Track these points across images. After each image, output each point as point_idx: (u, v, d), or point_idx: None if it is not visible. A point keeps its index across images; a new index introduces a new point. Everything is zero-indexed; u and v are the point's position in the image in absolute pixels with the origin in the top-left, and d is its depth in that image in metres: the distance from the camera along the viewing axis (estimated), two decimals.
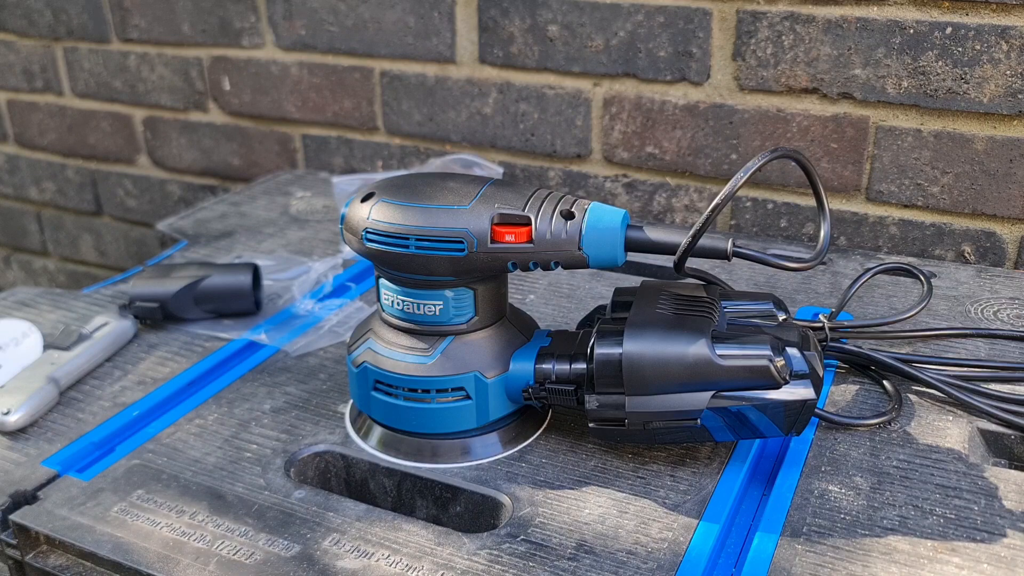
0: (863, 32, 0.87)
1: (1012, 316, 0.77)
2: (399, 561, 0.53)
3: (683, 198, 1.01)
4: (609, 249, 0.57)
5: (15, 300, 0.86)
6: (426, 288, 0.59)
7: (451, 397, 0.60)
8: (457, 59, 1.06)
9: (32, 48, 1.37)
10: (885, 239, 0.93)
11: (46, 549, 0.57)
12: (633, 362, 0.55)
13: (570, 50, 0.99)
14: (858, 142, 0.91)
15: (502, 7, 1.01)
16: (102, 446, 0.65)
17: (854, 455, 0.60)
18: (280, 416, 0.67)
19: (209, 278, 0.80)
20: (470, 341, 0.60)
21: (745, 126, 0.95)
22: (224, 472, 0.61)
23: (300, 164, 1.23)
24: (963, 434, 0.62)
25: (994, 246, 0.89)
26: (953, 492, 0.57)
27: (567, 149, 1.04)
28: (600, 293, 0.83)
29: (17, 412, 0.66)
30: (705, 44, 0.93)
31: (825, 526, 0.54)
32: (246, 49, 1.19)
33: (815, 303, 0.80)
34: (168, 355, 0.76)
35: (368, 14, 1.09)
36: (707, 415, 0.55)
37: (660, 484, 0.58)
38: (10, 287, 1.49)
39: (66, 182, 1.46)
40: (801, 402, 0.55)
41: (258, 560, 0.53)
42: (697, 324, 0.56)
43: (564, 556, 0.53)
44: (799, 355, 0.55)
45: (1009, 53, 0.82)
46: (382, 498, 0.62)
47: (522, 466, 0.61)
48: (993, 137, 0.85)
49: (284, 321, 0.81)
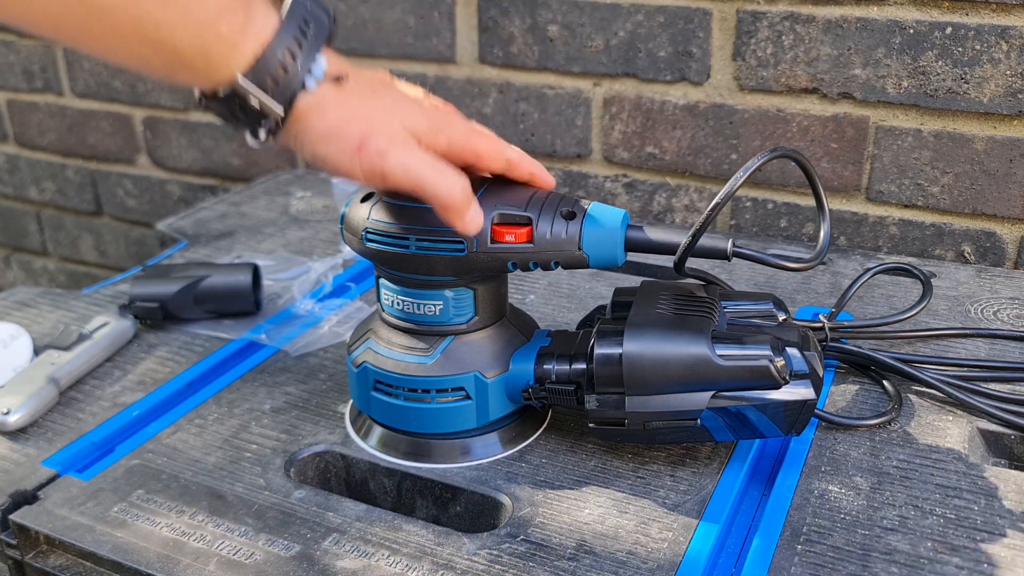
0: (863, 32, 0.87)
1: (1012, 316, 0.77)
2: (399, 561, 0.53)
3: (683, 198, 1.01)
4: (609, 249, 0.57)
5: (15, 300, 0.86)
6: (426, 288, 0.59)
7: (451, 397, 0.60)
8: (457, 59, 1.06)
9: (32, 48, 1.37)
10: (885, 239, 0.93)
11: (46, 549, 0.57)
12: (633, 362, 0.55)
13: (570, 50, 0.99)
14: (858, 142, 0.91)
15: (502, 7, 1.01)
16: (102, 446, 0.65)
17: (854, 455, 0.60)
18: (280, 416, 0.67)
19: (209, 278, 0.80)
20: (470, 341, 0.60)
21: (745, 126, 0.95)
22: (224, 472, 0.61)
23: (300, 164, 1.23)
24: (963, 434, 0.62)
25: (994, 246, 0.89)
26: (953, 492, 0.57)
27: (567, 149, 1.04)
28: (600, 293, 0.83)
29: (17, 412, 0.66)
30: (705, 44, 0.93)
31: (825, 526, 0.54)
32: None
33: (815, 303, 0.80)
34: (168, 355, 0.76)
35: (368, 14, 1.09)
36: (707, 415, 0.55)
37: (660, 484, 0.58)
38: (10, 287, 1.49)
39: (66, 182, 1.46)
40: (801, 402, 0.55)
41: (258, 560, 0.53)
42: (697, 324, 0.56)
43: (564, 556, 0.53)
44: (799, 355, 0.55)
45: (1009, 53, 0.82)
46: (382, 498, 0.62)
47: (522, 466, 0.61)
48: (993, 137, 0.85)
49: (284, 321, 0.81)
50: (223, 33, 0.49)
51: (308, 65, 0.51)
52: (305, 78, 0.51)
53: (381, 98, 0.53)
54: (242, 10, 0.49)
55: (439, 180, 0.52)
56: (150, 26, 0.47)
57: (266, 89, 0.50)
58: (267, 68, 0.50)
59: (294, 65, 0.50)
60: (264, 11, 0.50)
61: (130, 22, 0.47)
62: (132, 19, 0.47)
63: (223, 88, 0.50)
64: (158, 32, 0.47)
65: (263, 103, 0.50)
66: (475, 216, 0.54)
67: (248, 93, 0.50)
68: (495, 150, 0.57)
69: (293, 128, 0.52)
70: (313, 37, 0.51)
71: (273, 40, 0.50)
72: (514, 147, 0.58)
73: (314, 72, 0.51)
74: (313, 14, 0.52)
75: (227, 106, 0.51)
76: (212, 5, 0.48)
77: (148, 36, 0.47)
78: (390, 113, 0.53)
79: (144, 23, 0.47)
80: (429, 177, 0.52)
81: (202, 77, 0.50)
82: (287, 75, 0.50)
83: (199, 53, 0.49)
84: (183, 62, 0.49)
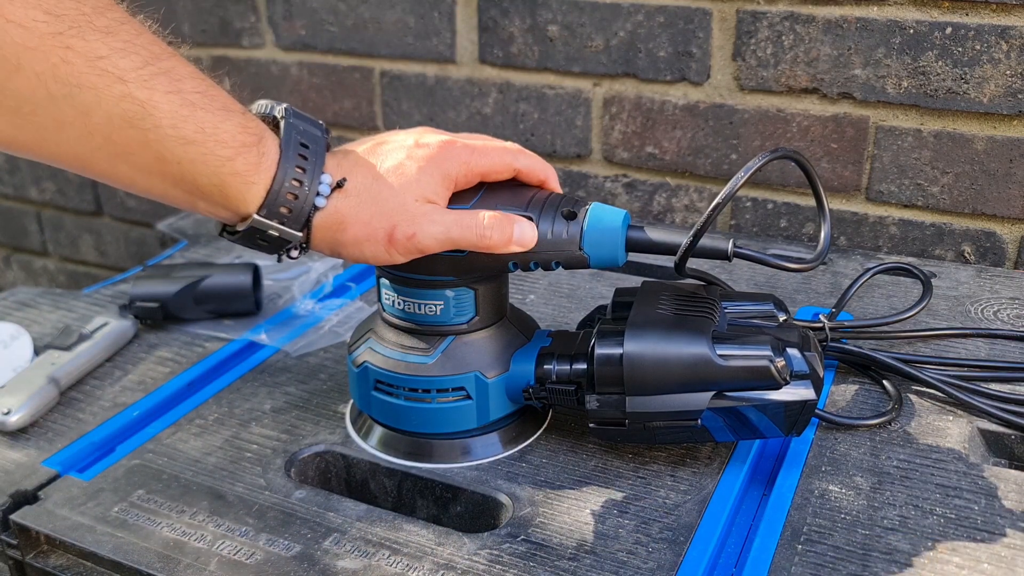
0: (863, 32, 0.87)
1: (1012, 316, 0.77)
2: (399, 561, 0.53)
3: (683, 198, 1.01)
4: (610, 249, 0.57)
5: (15, 300, 0.86)
6: (427, 288, 0.59)
7: (452, 397, 0.60)
8: (457, 59, 1.06)
9: None
10: (885, 239, 0.94)
11: (46, 549, 0.57)
12: (634, 362, 0.55)
13: (570, 50, 0.99)
14: (858, 142, 0.91)
15: (502, 7, 1.01)
16: (102, 446, 0.65)
17: (854, 455, 0.60)
18: (280, 416, 0.67)
19: (209, 278, 0.80)
20: (471, 341, 0.60)
21: (745, 126, 0.95)
22: (224, 472, 0.61)
23: None
24: (963, 434, 0.62)
25: (994, 246, 0.89)
26: (953, 492, 0.57)
27: (567, 149, 1.04)
28: (600, 293, 0.83)
29: (17, 412, 0.66)
30: (705, 44, 0.93)
31: (825, 526, 0.54)
32: (246, 49, 1.19)
33: (815, 303, 0.80)
34: (168, 355, 0.76)
35: (368, 14, 1.09)
36: (707, 415, 0.55)
37: (660, 484, 0.58)
38: (10, 287, 1.49)
39: (66, 182, 1.46)
40: (801, 402, 0.55)
41: (258, 560, 0.53)
42: (698, 324, 0.56)
43: (564, 556, 0.53)
44: (799, 355, 0.55)
45: (1009, 53, 0.82)
46: (382, 498, 0.62)
47: (522, 466, 0.61)
48: (993, 137, 0.85)
49: (284, 321, 0.81)
50: (239, 170, 0.50)
51: (315, 187, 0.52)
52: (315, 200, 0.52)
53: (385, 181, 0.54)
54: (256, 146, 0.51)
55: (470, 233, 0.54)
56: (172, 164, 0.49)
57: (281, 219, 0.52)
58: (278, 199, 0.51)
59: (302, 189, 0.52)
60: (272, 143, 0.52)
61: (154, 161, 0.49)
62: (156, 158, 0.48)
63: (241, 224, 0.52)
64: (179, 169, 0.49)
65: (282, 232, 0.52)
66: (523, 234, 0.55)
67: (266, 227, 0.52)
68: (501, 166, 0.57)
69: (319, 244, 0.54)
70: (313, 157, 0.53)
71: (278, 172, 0.51)
72: (524, 153, 0.59)
73: (321, 191, 0.53)
74: (307, 134, 0.53)
75: (249, 239, 0.53)
76: (231, 142, 0.50)
77: (170, 173, 0.49)
78: (399, 194, 0.54)
79: (167, 161, 0.49)
80: (460, 236, 0.54)
81: (221, 210, 0.52)
82: (298, 200, 0.52)
83: (218, 189, 0.50)
84: (204, 196, 0.51)
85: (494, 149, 0.57)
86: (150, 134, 0.47)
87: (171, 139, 0.48)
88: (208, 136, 0.49)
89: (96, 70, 0.45)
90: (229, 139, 0.49)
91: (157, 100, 0.47)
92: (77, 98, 0.45)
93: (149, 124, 0.47)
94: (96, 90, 0.45)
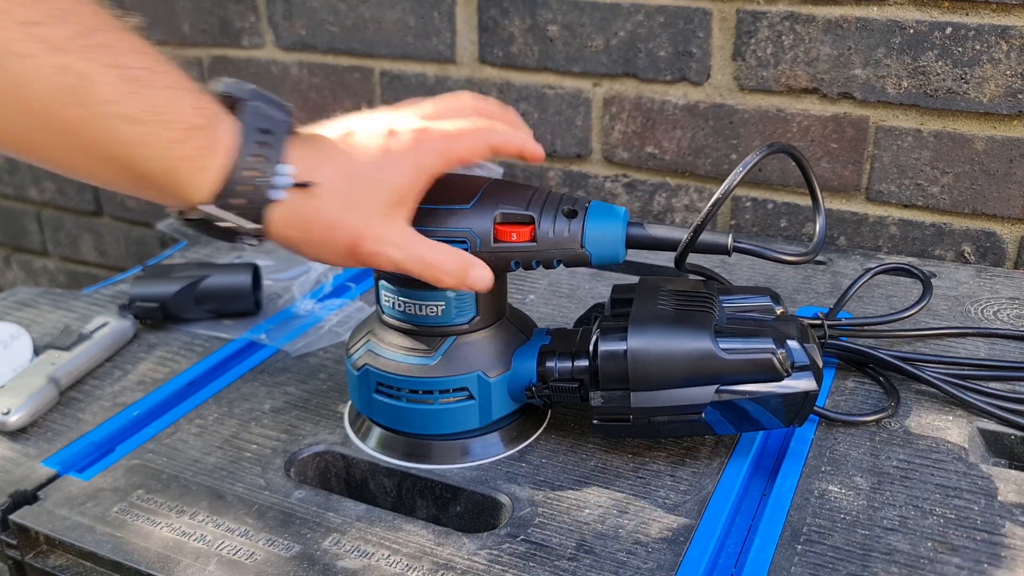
0: (863, 32, 0.87)
1: (1012, 316, 0.77)
2: (399, 561, 0.53)
3: (683, 198, 1.01)
4: (611, 246, 0.57)
5: (15, 300, 0.86)
6: (429, 289, 0.59)
7: (454, 398, 0.60)
8: (457, 59, 1.06)
9: None
10: (885, 239, 0.93)
11: (46, 549, 0.57)
12: (638, 358, 0.55)
13: (570, 50, 0.99)
14: (858, 142, 0.91)
15: (502, 7, 1.01)
16: (102, 446, 0.65)
17: (854, 455, 0.60)
18: (280, 416, 0.67)
19: (209, 278, 0.80)
20: (472, 341, 0.60)
21: (745, 126, 0.95)
22: (224, 472, 0.61)
23: None
24: (963, 434, 0.62)
25: (994, 246, 0.89)
26: (953, 492, 0.57)
27: (567, 149, 1.04)
28: (600, 293, 0.83)
29: (17, 412, 0.66)
30: (705, 44, 0.93)
31: (825, 526, 0.54)
32: (246, 49, 1.19)
33: (815, 303, 0.80)
34: (168, 355, 0.76)
35: (368, 14, 1.09)
36: (711, 409, 0.55)
37: (660, 484, 0.58)
38: (10, 287, 1.49)
39: (66, 182, 1.46)
40: (803, 393, 0.55)
41: (258, 560, 0.53)
42: (699, 319, 0.56)
43: (564, 556, 0.53)
44: (799, 347, 0.55)
45: (1009, 53, 0.82)
46: (382, 498, 0.62)
47: (522, 466, 0.61)
48: (993, 137, 0.85)
49: (284, 321, 0.81)
50: (188, 154, 0.46)
51: (272, 179, 0.49)
52: (270, 192, 0.49)
53: (355, 183, 0.51)
54: (208, 128, 0.47)
55: (427, 272, 0.53)
56: (115, 146, 0.45)
57: (234, 209, 0.48)
58: (233, 188, 0.48)
59: (261, 179, 0.48)
60: (228, 126, 0.48)
61: (95, 143, 0.45)
62: (97, 139, 0.45)
63: (192, 212, 0.49)
64: (123, 151, 0.45)
65: (236, 224, 0.49)
66: (478, 279, 0.55)
67: (216, 218, 0.49)
68: (478, 144, 0.55)
69: (277, 237, 0.51)
70: (275, 144, 0.49)
71: (236, 159, 0.47)
72: (494, 129, 0.56)
73: (279, 183, 0.49)
74: (269, 117, 0.49)
75: (202, 226, 0.50)
76: (179, 124, 0.46)
77: (114, 156, 0.45)
78: (369, 201, 0.51)
79: (109, 143, 0.45)
80: (417, 271, 0.53)
81: (170, 198, 0.49)
82: (255, 190, 0.48)
83: (164, 175, 0.47)
84: (151, 183, 0.47)
85: (468, 133, 0.55)
86: (89, 110, 0.43)
87: (112, 117, 0.44)
88: (153, 116, 0.45)
89: (29, 36, 0.41)
90: (177, 120, 0.45)
91: (95, 73, 0.43)
92: (10, 68, 0.41)
93: (88, 99, 0.43)
94: (31, 58, 0.41)
